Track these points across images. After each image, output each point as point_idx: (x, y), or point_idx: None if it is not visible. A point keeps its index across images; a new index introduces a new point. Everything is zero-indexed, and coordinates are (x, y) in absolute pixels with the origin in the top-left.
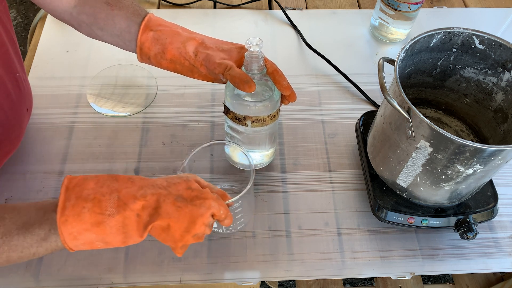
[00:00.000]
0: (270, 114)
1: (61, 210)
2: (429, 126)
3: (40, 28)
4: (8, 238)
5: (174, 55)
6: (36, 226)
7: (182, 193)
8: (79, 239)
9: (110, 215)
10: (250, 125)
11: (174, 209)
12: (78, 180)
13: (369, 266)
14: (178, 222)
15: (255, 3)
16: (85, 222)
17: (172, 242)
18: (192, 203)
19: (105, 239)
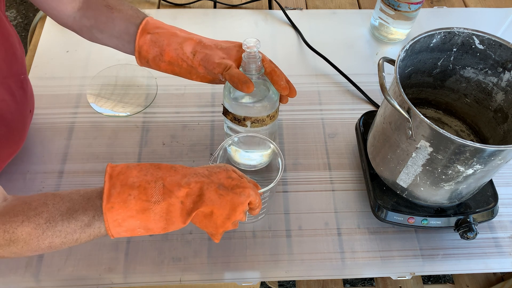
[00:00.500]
0: (270, 114)
1: (107, 197)
2: (429, 126)
3: (40, 28)
4: (52, 224)
5: (172, 57)
6: (80, 212)
7: (223, 181)
8: (122, 226)
9: (156, 202)
10: (249, 125)
11: (217, 197)
12: (121, 168)
13: (369, 266)
14: (220, 209)
15: (255, 3)
16: (130, 209)
17: (214, 228)
18: (233, 191)
19: (147, 225)
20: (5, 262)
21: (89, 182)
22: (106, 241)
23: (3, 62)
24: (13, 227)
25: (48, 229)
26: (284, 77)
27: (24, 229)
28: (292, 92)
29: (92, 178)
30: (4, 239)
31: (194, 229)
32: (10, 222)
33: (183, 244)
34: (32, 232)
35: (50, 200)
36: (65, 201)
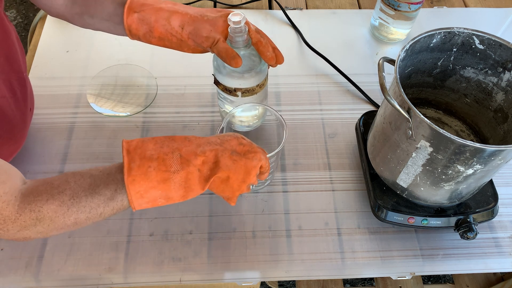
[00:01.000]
0: (259, 84)
1: (128, 171)
2: (429, 126)
3: (40, 28)
4: (76, 200)
5: (161, 33)
6: (102, 186)
7: (235, 148)
8: (145, 197)
9: (175, 171)
10: (240, 95)
11: (232, 162)
12: (137, 142)
13: (369, 266)
14: (236, 174)
15: (255, 3)
16: (151, 180)
17: (230, 192)
18: (246, 157)
19: (168, 195)
20: (5, 262)
21: None
22: (106, 241)
23: (5, 59)
24: (39, 206)
25: (73, 205)
26: (270, 47)
27: (50, 206)
28: (279, 59)
29: None
30: (31, 219)
31: (194, 229)
32: (35, 201)
33: (183, 244)
34: (57, 210)
35: (71, 178)
36: (86, 178)
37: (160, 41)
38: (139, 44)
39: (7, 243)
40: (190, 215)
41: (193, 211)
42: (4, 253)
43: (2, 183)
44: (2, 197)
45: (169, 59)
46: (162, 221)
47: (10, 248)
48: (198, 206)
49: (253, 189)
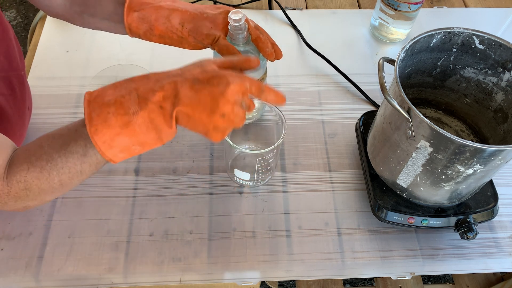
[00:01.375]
0: (259, 79)
1: (89, 121)
2: (429, 126)
3: (40, 28)
4: (53, 163)
5: (161, 31)
6: (72, 144)
7: (197, 76)
8: (114, 146)
9: (134, 113)
10: None
11: (193, 93)
12: (98, 91)
13: (369, 266)
14: (200, 105)
15: (255, 3)
16: (113, 126)
17: (202, 127)
18: (210, 83)
19: (139, 140)
20: (5, 262)
21: (89, 182)
22: (106, 241)
23: (4, 57)
24: (23, 176)
25: (52, 169)
26: (269, 43)
27: (32, 174)
28: (278, 55)
29: (92, 178)
30: (21, 189)
31: (194, 229)
32: (19, 172)
33: (183, 244)
34: (40, 176)
35: (45, 141)
36: (57, 139)
37: (161, 38)
38: (139, 44)
39: (7, 243)
40: (190, 215)
41: (193, 211)
42: (4, 253)
43: None
44: None
45: (169, 59)
46: (162, 221)
47: (10, 248)
48: (198, 206)
49: (253, 184)
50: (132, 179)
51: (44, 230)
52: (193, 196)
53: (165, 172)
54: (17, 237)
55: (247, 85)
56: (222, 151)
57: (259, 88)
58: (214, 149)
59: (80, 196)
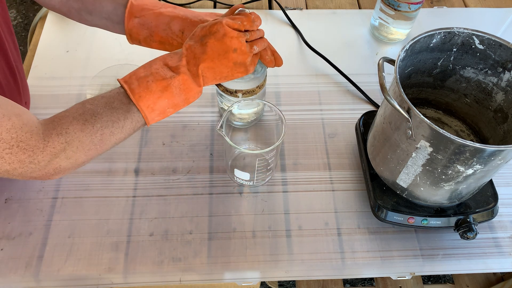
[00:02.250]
0: (259, 85)
1: (131, 92)
2: (429, 126)
3: (40, 28)
4: (98, 116)
5: (161, 37)
6: (117, 103)
7: (201, 33)
8: (155, 109)
9: (171, 77)
10: (241, 96)
11: (204, 47)
12: (129, 74)
13: (369, 266)
14: (214, 52)
15: (255, 3)
16: (154, 91)
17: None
18: (211, 32)
19: (174, 102)
20: (5, 262)
21: (89, 182)
22: (106, 241)
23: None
24: (65, 128)
25: (96, 121)
26: (269, 50)
27: (76, 126)
28: (278, 62)
29: (92, 178)
30: (60, 143)
31: (194, 229)
32: (60, 124)
33: (183, 244)
34: (83, 128)
35: (86, 102)
36: (99, 99)
37: (161, 45)
38: None
39: (7, 243)
40: (190, 215)
41: (193, 211)
42: (4, 253)
43: (18, 115)
44: (23, 128)
45: None
46: (162, 221)
47: (10, 248)
48: (198, 206)
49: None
50: (132, 179)
51: (44, 230)
52: (193, 196)
53: (165, 172)
54: (17, 237)
55: (238, 22)
56: (222, 151)
57: (250, 20)
58: (214, 149)
59: (80, 196)
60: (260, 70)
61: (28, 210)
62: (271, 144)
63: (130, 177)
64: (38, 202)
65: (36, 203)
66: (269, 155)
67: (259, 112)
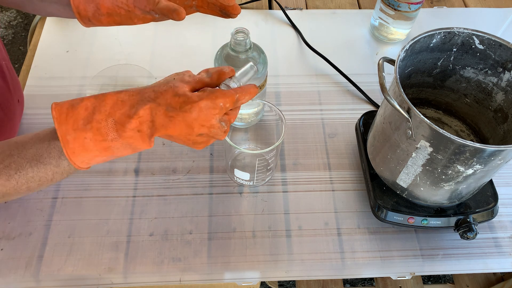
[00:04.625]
0: (259, 85)
1: (65, 144)
2: (429, 126)
3: (40, 28)
4: (23, 172)
5: (108, 8)
6: (45, 156)
7: (170, 102)
8: (91, 163)
9: (113, 139)
10: None
11: (168, 120)
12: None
13: (369, 266)
14: (176, 130)
15: (255, 3)
16: (92, 150)
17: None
18: (182, 110)
19: (117, 155)
20: (5, 262)
21: (89, 182)
22: (106, 241)
23: None
24: None
25: (21, 178)
26: None
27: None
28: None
29: (92, 178)
30: None
31: (194, 229)
32: None
33: (183, 244)
34: (6, 184)
35: (14, 150)
36: (28, 148)
37: (110, 17)
38: (139, 44)
39: (7, 243)
40: (190, 215)
41: (193, 211)
42: (4, 253)
43: None
44: None
45: (169, 59)
46: (162, 221)
47: (10, 248)
48: (198, 206)
49: (253, 184)
50: (132, 179)
51: (44, 230)
52: (193, 196)
53: (165, 172)
54: (17, 237)
55: (220, 104)
56: (222, 151)
57: (233, 101)
58: (214, 149)
59: (80, 196)
60: (261, 70)
61: (28, 210)
62: (271, 144)
63: (130, 177)
64: (38, 202)
65: (36, 203)
66: (269, 155)
67: (259, 112)
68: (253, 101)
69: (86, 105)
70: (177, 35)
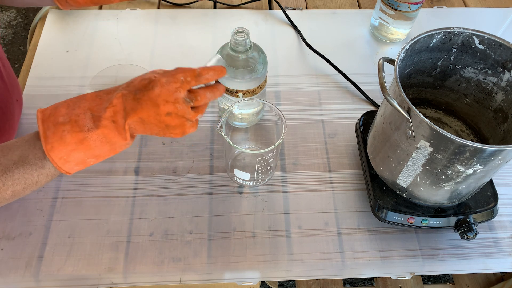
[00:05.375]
0: (260, 85)
1: (44, 139)
2: (429, 126)
3: (40, 28)
4: (9, 174)
5: None
6: (31, 157)
7: (137, 85)
8: (70, 161)
9: (89, 129)
10: (241, 96)
11: (136, 102)
12: (50, 110)
13: (369, 266)
14: (144, 111)
15: (255, 3)
16: (69, 143)
17: (157, 129)
18: (146, 88)
19: (93, 153)
20: (5, 262)
21: (89, 182)
22: (106, 241)
23: None
24: None
25: (7, 180)
26: None
27: None
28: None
29: (92, 178)
30: None
31: (194, 229)
32: None
33: (183, 244)
34: None
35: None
36: (13, 150)
37: None
38: (139, 44)
39: (7, 243)
40: (190, 215)
41: (193, 211)
42: (4, 253)
43: None
44: None
45: (169, 59)
46: (162, 221)
47: (10, 248)
48: (198, 206)
49: (253, 184)
50: (132, 179)
51: (44, 230)
52: (193, 196)
53: (165, 172)
54: (17, 237)
55: (181, 78)
56: (222, 151)
57: (194, 75)
58: (214, 149)
59: (80, 196)
60: (261, 70)
61: (28, 210)
62: (271, 144)
63: (130, 177)
64: (38, 202)
65: (36, 203)
66: (269, 155)
67: (259, 112)
68: (253, 101)
69: (68, 104)
70: (177, 35)
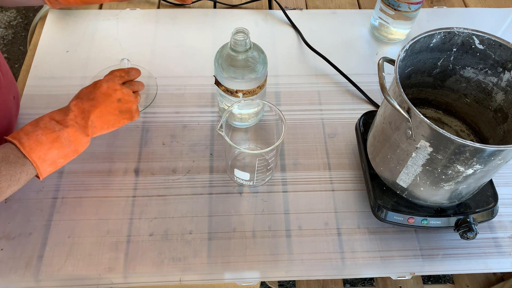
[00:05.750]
0: (260, 85)
1: (22, 145)
2: (429, 126)
3: (40, 28)
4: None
5: None
6: (12, 157)
7: (85, 92)
8: (46, 160)
9: (60, 129)
10: (241, 96)
11: (91, 101)
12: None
13: (369, 266)
14: (101, 104)
15: (255, 3)
16: (45, 143)
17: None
18: (96, 87)
19: (63, 152)
20: (5, 262)
21: (89, 182)
22: (106, 241)
23: None
24: None
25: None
26: None
27: None
28: None
29: (92, 178)
30: None
31: (194, 229)
32: None
33: (183, 244)
34: None
35: None
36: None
37: None
38: (139, 44)
39: (7, 243)
40: (190, 215)
41: (192, 211)
42: (4, 253)
43: None
44: None
45: (169, 59)
46: (162, 221)
47: (10, 248)
48: (198, 206)
49: (253, 184)
50: (132, 179)
51: (44, 230)
52: (193, 196)
53: (165, 172)
54: (17, 237)
55: (118, 74)
56: (222, 151)
57: (125, 72)
58: (214, 149)
59: (80, 196)
60: (261, 70)
61: (28, 210)
62: (271, 144)
63: (130, 177)
64: (38, 202)
65: (36, 203)
66: (269, 155)
67: (259, 112)
68: (253, 101)
69: (30, 123)
70: (177, 35)
